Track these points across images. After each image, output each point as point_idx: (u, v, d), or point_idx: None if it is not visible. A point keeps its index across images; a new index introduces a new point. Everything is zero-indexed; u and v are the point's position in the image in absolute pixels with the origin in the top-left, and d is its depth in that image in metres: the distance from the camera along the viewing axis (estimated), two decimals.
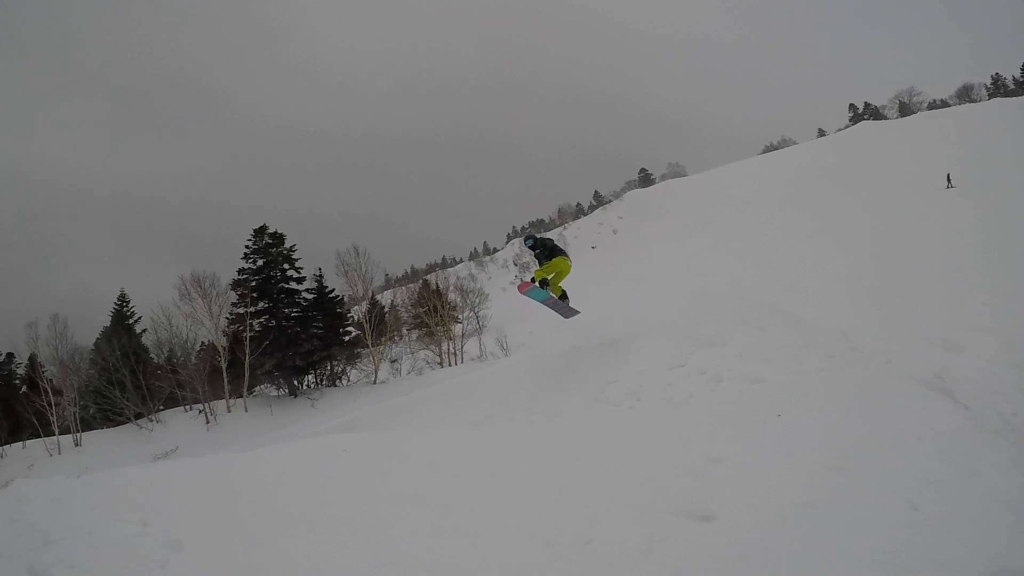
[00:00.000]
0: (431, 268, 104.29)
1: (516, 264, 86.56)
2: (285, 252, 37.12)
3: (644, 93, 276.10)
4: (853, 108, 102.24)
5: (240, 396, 34.18)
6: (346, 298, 40.07)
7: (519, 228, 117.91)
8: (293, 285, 37.09)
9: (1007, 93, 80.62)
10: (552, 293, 12.38)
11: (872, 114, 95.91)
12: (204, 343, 37.62)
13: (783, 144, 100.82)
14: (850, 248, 29.40)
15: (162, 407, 34.35)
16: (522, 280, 14.23)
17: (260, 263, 36.68)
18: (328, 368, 37.21)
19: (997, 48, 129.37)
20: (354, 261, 38.88)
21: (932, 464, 6.46)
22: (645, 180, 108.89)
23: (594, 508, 5.28)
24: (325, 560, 4.38)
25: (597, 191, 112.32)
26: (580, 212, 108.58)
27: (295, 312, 36.75)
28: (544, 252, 12.42)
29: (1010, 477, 6.33)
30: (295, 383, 35.92)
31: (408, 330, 45.04)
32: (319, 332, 36.18)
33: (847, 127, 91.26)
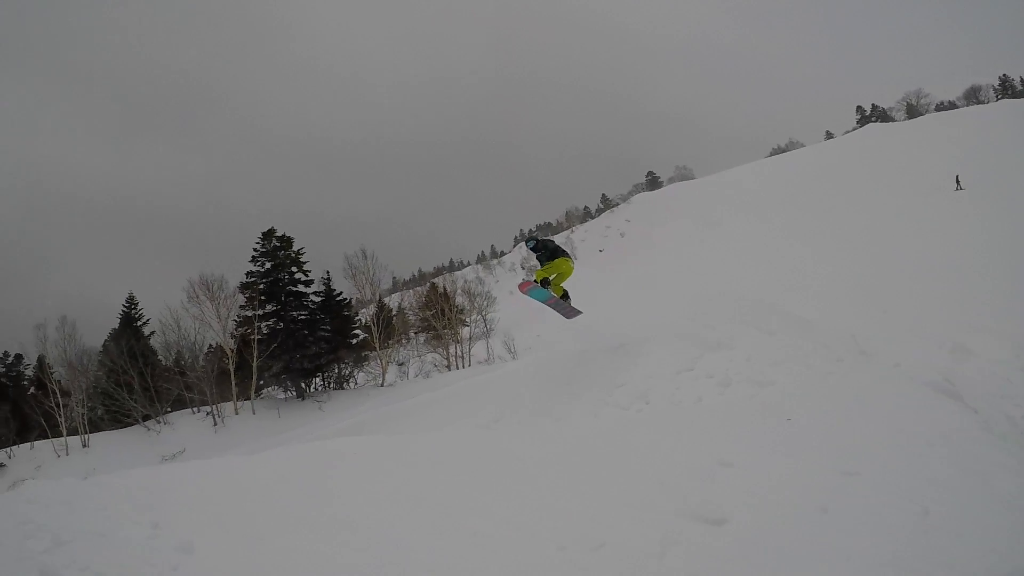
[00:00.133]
0: (438, 271, 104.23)
1: (523, 267, 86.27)
2: (293, 255, 37.11)
3: (652, 96, 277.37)
4: (860, 110, 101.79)
5: (248, 398, 34.11)
6: (354, 301, 40.01)
7: (526, 231, 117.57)
8: (301, 288, 37.05)
9: (1015, 94, 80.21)
10: (553, 293, 12.39)
11: (880, 116, 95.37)
12: (212, 345, 37.64)
13: (791, 146, 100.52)
14: (862, 251, 29.27)
15: (170, 409, 34.30)
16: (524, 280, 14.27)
17: (268, 266, 36.67)
18: (336, 371, 37.15)
19: (1005, 49, 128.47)
20: (362, 264, 38.88)
21: (942, 467, 6.44)
22: (653, 183, 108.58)
23: (605, 511, 5.27)
24: (333, 562, 4.38)
25: (604, 194, 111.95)
26: (587, 215, 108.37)
27: (303, 315, 36.69)
28: (545, 253, 12.43)
29: (1019, 480, 6.32)
30: (303, 386, 35.85)
31: (416, 333, 45.09)
32: (327, 335, 36.12)
33: (855, 129, 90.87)
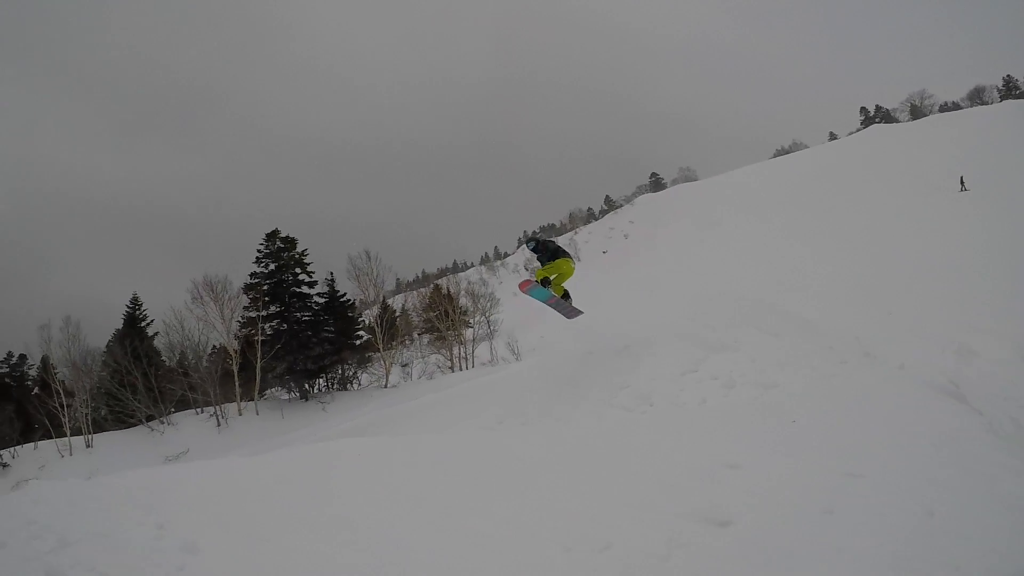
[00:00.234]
0: (442, 272, 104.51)
1: (527, 269, 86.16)
2: (297, 256, 37.20)
3: (654, 97, 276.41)
4: (864, 111, 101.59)
5: (251, 399, 34.22)
6: (357, 302, 40.02)
7: (530, 232, 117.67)
8: (305, 289, 37.12)
9: (1019, 95, 79.88)
10: (554, 292, 12.38)
11: (883, 117, 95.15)
12: (216, 346, 37.82)
13: (794, 147, 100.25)
14: (862, 251, 29.11)
15: (173, 409, 34.38)
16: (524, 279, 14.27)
17: (272, 267, 36.75)
18: (339, 372, 37.17)
19: (1009, 49, 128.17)
20: (365, 265, 38.88)
21: (947, 469, 6.42)
22: (656, 185, 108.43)
23: (610, 513, 5.27)
24: (334, 562, 4.39)
25: (608, 196, 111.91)
26: (591, 217, 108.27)
27: (307, 316, 36.79)
28: (546, 254, 12.44)
29: (1023, 482, 6.29)
30: (306, 386, 35.91)
31: (419, 334, 45.12)
32: (330, 336, 36.16)
33: (858, 130, 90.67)
